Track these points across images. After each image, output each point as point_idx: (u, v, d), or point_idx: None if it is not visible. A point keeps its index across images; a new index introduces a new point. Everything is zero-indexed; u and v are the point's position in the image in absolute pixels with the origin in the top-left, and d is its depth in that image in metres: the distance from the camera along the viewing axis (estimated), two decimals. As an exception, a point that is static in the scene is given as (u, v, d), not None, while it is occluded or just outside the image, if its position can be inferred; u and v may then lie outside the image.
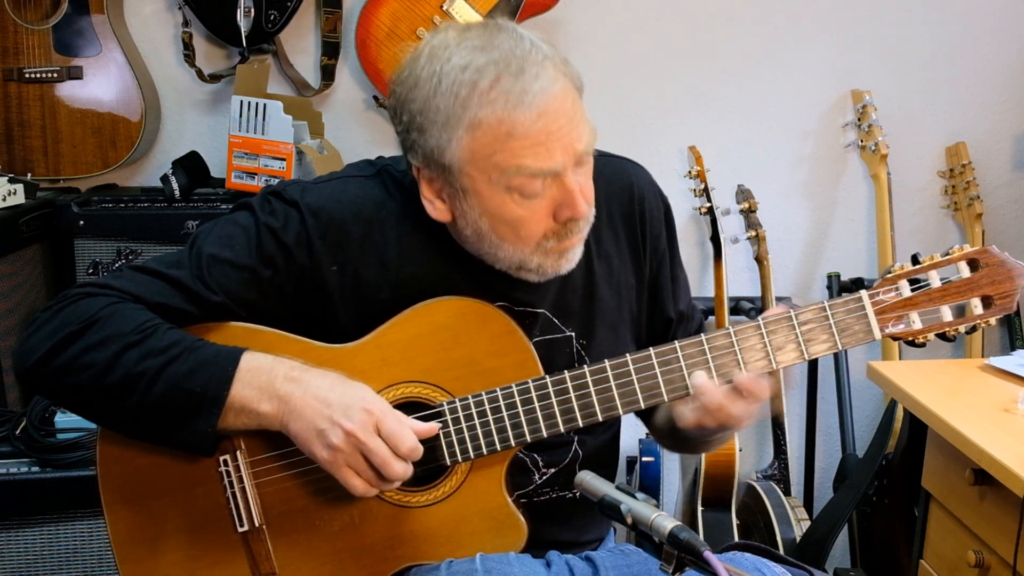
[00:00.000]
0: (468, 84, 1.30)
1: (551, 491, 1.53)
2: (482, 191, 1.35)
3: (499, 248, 1.40)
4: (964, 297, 1.37)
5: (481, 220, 1.38)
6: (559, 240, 1.39)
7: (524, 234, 1.37)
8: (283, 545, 1.45)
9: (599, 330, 1.53)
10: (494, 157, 1.32)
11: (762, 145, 2.90)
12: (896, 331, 1.37)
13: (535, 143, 1.30)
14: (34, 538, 2.25)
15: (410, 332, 1.43)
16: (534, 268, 1.41)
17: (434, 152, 1.35)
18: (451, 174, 1.36)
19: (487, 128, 1.31)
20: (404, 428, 1.34)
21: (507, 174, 1.32)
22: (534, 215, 1.36)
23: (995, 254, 1.36)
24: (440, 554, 1.43)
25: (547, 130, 1.30)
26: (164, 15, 2.78)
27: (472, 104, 1.30)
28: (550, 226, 1.37)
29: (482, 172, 1.33)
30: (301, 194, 1.46)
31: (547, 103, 1.30)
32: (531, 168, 1.31)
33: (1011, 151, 2.93)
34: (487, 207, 1.36)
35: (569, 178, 1.34)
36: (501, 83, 1.29)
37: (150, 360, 1.34)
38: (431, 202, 1.41)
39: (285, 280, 1.45)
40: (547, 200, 1.35)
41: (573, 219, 1.37)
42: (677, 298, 1.62)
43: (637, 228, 1.57)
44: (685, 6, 2.84)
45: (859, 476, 2.46)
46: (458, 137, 1.32)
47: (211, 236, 1.46)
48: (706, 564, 1.05)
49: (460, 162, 1.34)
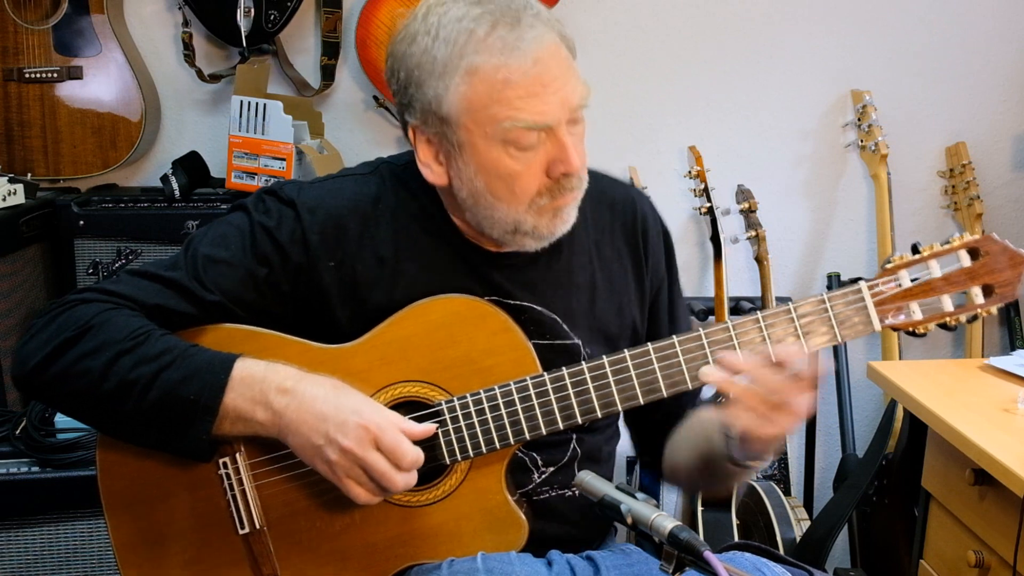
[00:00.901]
0: (465, 32, 1.33)
1: (550, 489, 1.53)
2: (478, 144, 1.36)
3: (494, 208, 1.40)
4: (965, 286, 1.36)
5: (477, 177, 1.39)
6: (553, 197, 1.40)
7: (518, 190, 1.38)
8: (284, 546, 1.45)
9: (601, 343, 1.53)
10: (490, 108, 1.34)
11: (762, 145, 2.90)
12: (896, 322, 1.36)
13: (530, 92, 1.33)
14: (34, 538, 2.25)
15: (407, 331, 1.43)
16: (530, 230, 1.41)
17: (431, 104, 1.37)
18: (448, 127, 1.37)
19: (483, 75, 1.33)
20: (403, 442, 1.33)
21: (503, 126, 1.34)
22: (528, 169, 1.37)
23: (997, 241, 1.35)
24: (441, 553, 1.43)
25: (541, 79, 1.33)
26: (164, 15, 2.78)
27: (469, 51, 1.33)
28: (544, 182, 1.39)
29: (478, 124, 1.35)
30: (298, 192, 1.47)
31: (541, 52, 1.33)
32: (526, 120, 1.34)
33: (1011, 151, 2.93)
34: (482, 162, 1.37)
35: (563, 132, 1.36)
36: (497, 31, 1.33)
37: (143, 367, 1.34)
38: (428, 166, 1.43)
39: (281, 278, 1.45)
40: (541, 155, 1.37)
41: (567, 174, 1.38)
42: (675, 324, 1.62)
43: (640, 249, 1.58)
44: (685, 6, 2.84)
45: (859, 476, 2.46)
46: (455, 84, 1.34)
47: (206, 237, 1.47)
48: (706, 564, 1.05)
49: (457, 112, 1.36)
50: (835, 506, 2.43)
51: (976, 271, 1.36)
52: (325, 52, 2.76)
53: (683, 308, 1.65)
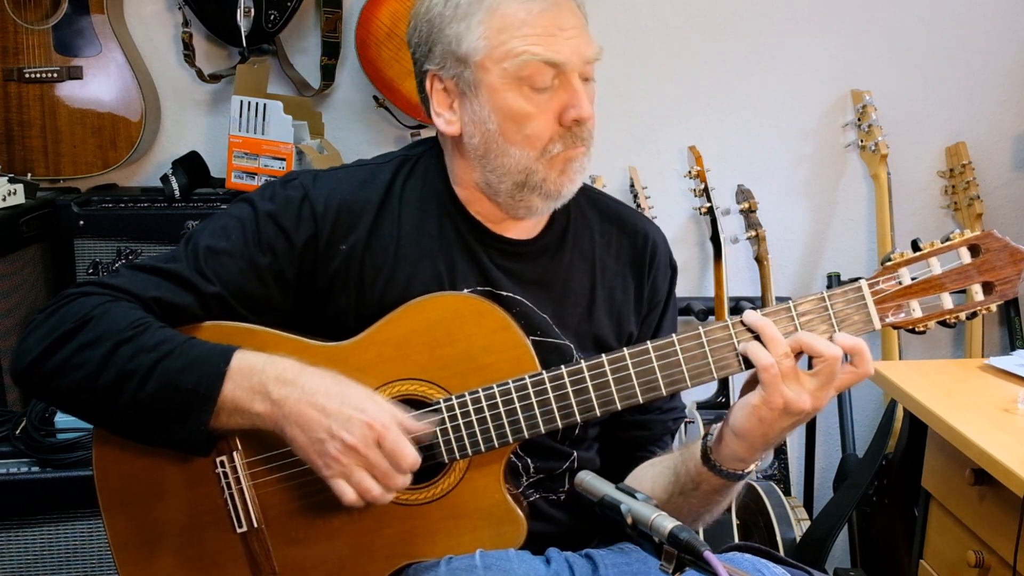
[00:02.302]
0: None
1: (536, 492, 1.54)
2: (494, 83, 1.41)
3: (506, 154, 1.43)
4: (965, 283, 1.35)
5: (491, 119, 1.42)
6: (564, 146, 1.42)
7: (531, 132, 1.41)
8: (283, 545, 1.45)
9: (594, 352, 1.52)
10: (508, 43, 1.39)
11: (762, 145, 2.90)
12: (896, 320, 1.36)
13: (547, 32, 1.39)
14: (34, 538, 2.25)
15: (405, 329, 1.43)
16: (539, 182, 1.43)
17: (451, 43, 1.42)
18: (466, 67, 1.42)
19: (503, 14, 1.40)
20: (406, 444, 1.33)
21: (519, 59, 1.39)
22: (541, 113, 1.41)
23: (998, 237, 1.35)
24: (439, 551, 1.43)
25: (558, 23, 1.40)
26: (164, 15, 2.79)
27: None
28: (556, 129, 1.42)
29: (495, 61, 1.40)
30: (312, 180, 1.49)
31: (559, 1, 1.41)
32: (542, 55, 1.39)
33: (1011, 151, 2.93)
34: (497, 101, 1.41)
35: (575, 79, 1.41)
36: None
37: (142, 357, 1.34)
38: (441, 115, 1.47)
39: (285, 266, 1.45)
40: (555, 101, 1.41)
41: (578, 121, 1.41)
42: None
43: (645, 272, 1.59)
44: (685, 6, 2.84)
45: (859, 476, 2.46)
46: (476, 22, 1.41)
47: (206, 230, 1.47)
48: (706, 564, 1.05)
49: (475, 51, 1.41)
50: (835, 506, 2.43)
51: (976, 268, 1.35)
52: (325, 52, 2.76)
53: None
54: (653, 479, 1.50)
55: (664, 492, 1.47)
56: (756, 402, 1.32)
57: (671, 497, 1.46)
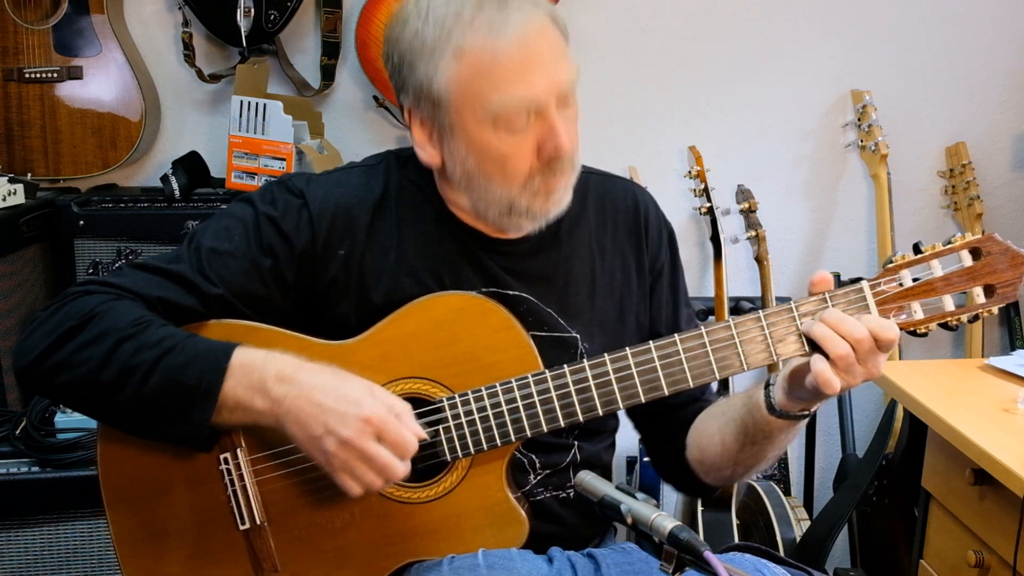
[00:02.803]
0: (453, 14, 1.36)
1: (545, 491, 1.53)
2: (468, 127, 1.38)
3: (487, 189, 1.42)
4: (966, 286, 1.35)
5: (468, 158, 1.40)
6: (545, 179, 1.41)
7: (510, 171, 1.40)
8: (285, 542, 1.45)
9: (600, 338, 1.53)
10: (479, 88, 1.36)
11: (762, 145, 2.90)
12: (898, 321, 1.35)
13: (517, 72, 1.35)
14: (34, 538, 2.25)
15: (409, 328, 1.43)
16: (524, 210, 1.43)
17: (423, 85, 1.39)
18: (439, 109, 1.39)
19: (471, 55, 1.35)
20: (406, 433, 1.33)
21: (492, 107, 1.36)
22: (519, 151, 1.38)
23: (1000, 241, 1.35)
24: (442, 550, 1.43)
25: (528, 59, 1.35)
26: (164, 15, 2.78)
27: (456, 32, 1.35)
28: (535, 164, 1.40)
29: (468, 107, 1.37)
30: (307, 183, 1.49)
31: (528, 31, 1.35)
32: (514, 97, 1.35)
33: (1011, 151, 2.93)
34: (473, 143, 1.39)
35: (552, 114, 1.38)
36: (484, 11, 1.35)
37: (145, 353, 1.35)
38: (422, 147, 1.45)
39: (285, 269, 1.45)
40: (531, 137, 1.38)
41: (556, 157, 1.39)
42: (678, 319, 1.61)
43: (642, 243, 1.59)
44: (685, 6, 2.84)
45: (859, 476, 2.46)
46: (444, 65, 1.36)
47: (209, 230, 1.47)
48: (706, 564, 1.05)
49: (447, 94, 1.37)
50: (835, 506, 2.43)
51: (978, 271, 1.35)
52: (325, 52, 2.76)
53: (688, 317, 1.64)
54: (721, 433, 1.48)
55: (735, 444, 1.45)
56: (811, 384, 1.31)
57: (743, 448, 1.45)
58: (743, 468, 1.49)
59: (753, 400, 1.42)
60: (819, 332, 1.30)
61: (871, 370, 1.31)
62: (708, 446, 1.51)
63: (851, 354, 1.29)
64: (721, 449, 1.49)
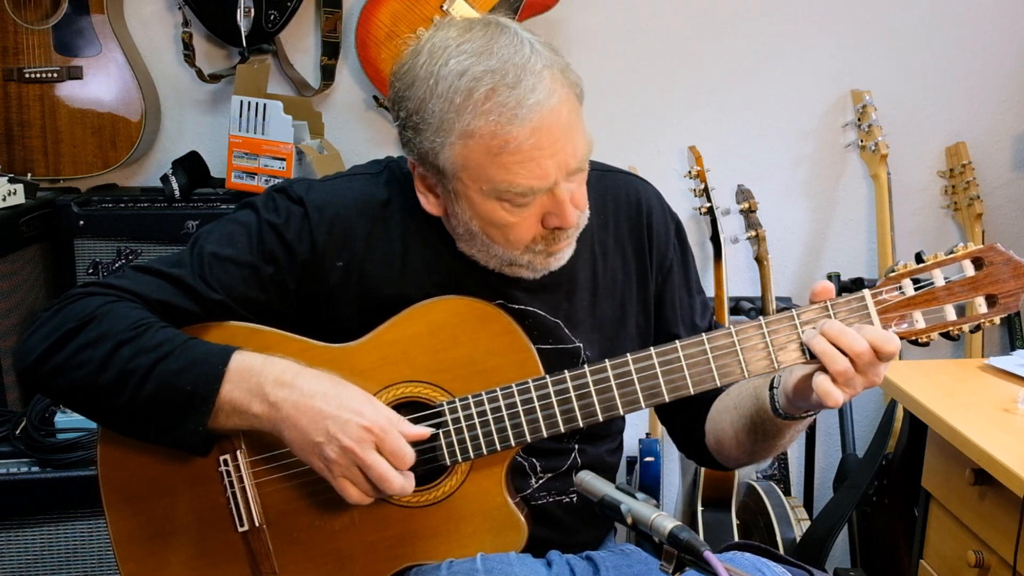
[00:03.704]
0: (464, 92, 1.29)
1: (547, 495, 1.53)
2: (473, 198, 1.36)
3: (489, 248, 1.42)
4: (968, 296, 1.35)
5: (472, 222, 1.39)
6: (547, 245, 1.40)
7: (513, 238, 1.39)
8: (283, 545, 1.45)
9: (604, 343, 1.53)
10: (486, 169, 1.32)
11: (762, 145, 2.90)
12: (899, 330, 1.36)
13: (527, 159, 1.30)
14: (34, 538, 2.25)
15: (410, 332, 1.43)
16: (525, 264, 1.43)
17: (428, 154, 1.36)
18: (444, 177, 1.37)
19: (480, 139, 1.30)
20: (405, 445, 1.33)
21: (498, 187, 1.33)
22: (524, 222, 1.37)
23: (1002, 251, 1.34)
24: (440, 554, 1.43)
25: (540, 145, 1.30)
26: (164, 15, 2.78)
27: (466, 113, 1.30)
28: (539, 232, 1.39)
29: (473, 181, 1.34)
30: (307, 191, 1.48)
31: (542, 118, 1.29)
32: (523, 185, 1.32)
33: (1011, 151, 2.93)
34: (477, 212, 1.38)
35: (561, 189, 1.35)
36: (497, 94, 1.28)
37: (142, 357, 1.35)
38: (425, 196, 1.43)
39: (287, 276, 1.45)
40: (537, 208, 1.36)
41: (561, 228, 1.38)
42: (692, 313, 1.60)
43: (644, 242, 1.57)
44: (685, 6, 2.84)
45: (859, 476, 2.46)
46: (451, 143, 1.32)
47: (212, 235, 1.47)
48: (706, 564, 1.05)
49: (453, 168, 1.35)
50: (835, 506, 2.43)
51: (980, 281, 1.35)
52: (325, 52, 2.76)
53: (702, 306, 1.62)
54: (734, 428, 1.49)
55: (748, 439, 1.47)
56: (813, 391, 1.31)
57: (755, 442, 1.47)
58: (759, 456, 1.51)
59: (760, 400, 1.42)
60: (819, 347, 1.30)
61: (872, 379, 1.30)
62: (724, 439, 1.53)
63: (850, 369, 1.28)
64: (735, 443, 1.50)
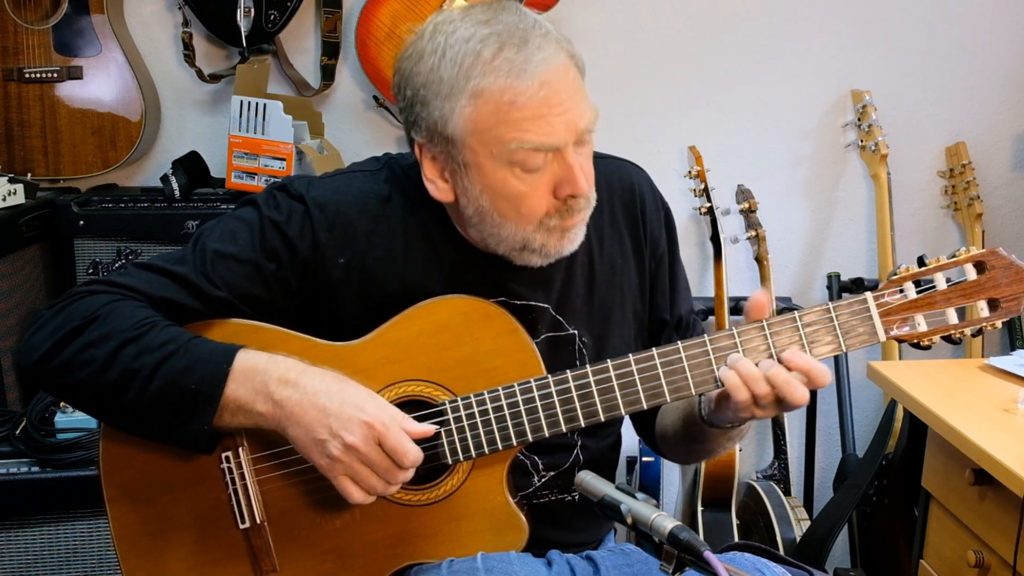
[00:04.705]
0: (472, 53, 1.32)
1: (550, 493, 1.53)
2: (484, 165, 1.36)
3: (501, 227, 1.40)
4: (970, 299, 1.35)
5: (482, 197, 1.38)
6: (561, 218, 1.39)
7: (525, 211, 1.38)
8: (284, 542, 1.45)
9: (601, 329, 1.54)
10: (496, 129, 1.33)
11: (762, 145, 2.90)
12: (901, 333, 1.36)
13: (536, 115, 1.32)
14: (34, 538, 2.25)
15: (412, 331, 1.43)
16: (537, 248, 1.41)
17: (437, 124, 1.36)
18: (453, 147, 1.37)
19: (489, 97, 1.32)
20: (407, 441, 1.33)
21: (509, 147, 1.33)
22: (535, 191, 1.37)
23: (1004, 255, 1.35)
24: (441, 553, 1.43)
25: (548, 102, 1.32)
26: (164, 15, 2.78)
27: (475, 73, 1.32)
28: (551, 203, 1.38)
29: (484, 145, 1.34)
30: (307, 188, 1.48)
31: (549, 74, 1.32)
32: (533, 142, 1.33)
33: (1011, 151, 2.93)
34: (488, 182, 1.37)
35: (570, 154, 1.35)
36: (504, 52, 1.31)
37: (146, 356, 1.35)
38: (433, 182, 1.42)
39: (289, 274, 1.45)
40: (548, 176, 1.36)
41: (574, 196, 1.38)
42: (675, 302, 1.62)
43: (639, 228, 1.57)
44: (685, 6, 2.84)
45: (859, 476, 2.46)
46: (461, 106, 1.33)
47: (215, 232, 1.47)
48: (706, 564, 1.05)
49: (463, 133, 1.35)
50: (835, 506, 2.43)
51: (982, 285, 1.35)
52: (325, 52, 2.76)
53: (685, 290, 1.65)
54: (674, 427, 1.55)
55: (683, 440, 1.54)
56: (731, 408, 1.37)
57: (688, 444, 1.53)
58: (695, 458, 1.61)
59: (691, 404, 1.46)
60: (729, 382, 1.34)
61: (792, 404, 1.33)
62: (666, 435, 1.59)
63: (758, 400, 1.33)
64: (675, 439, 1.57)
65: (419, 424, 1.36)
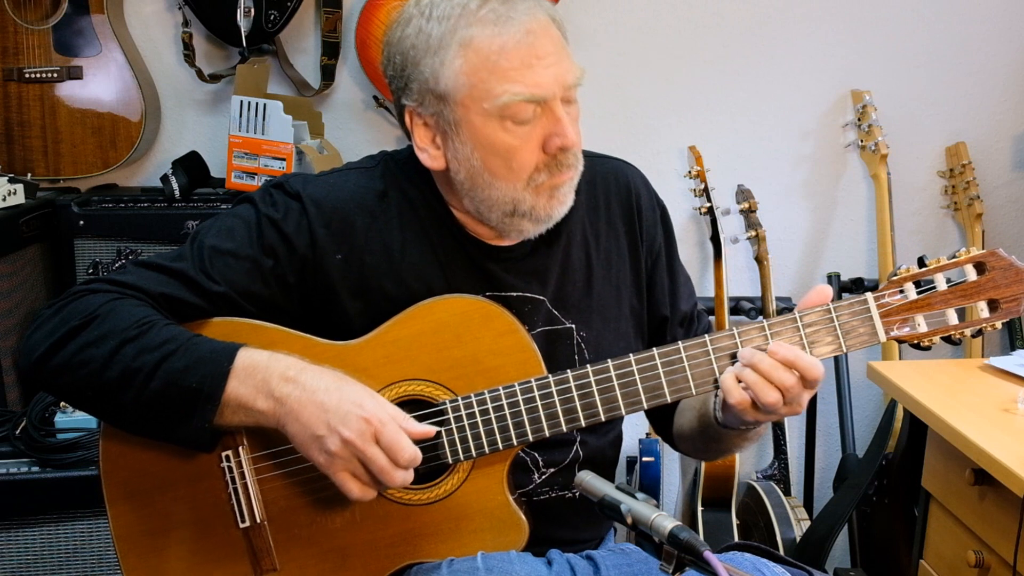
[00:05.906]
0: (458, 7, 1.38)
1: (550, 490, 1.54)
2: (475, 121, 1.39)
3: (492, 187, 1.42)
4: (970, 300, 1.36)
5: (474, 155, 1.40)
6: (550, 174, 1.41)
7: (516, 165, 1.40)
8: (284, 541, 1.45)
9: (598, 324, 1.54)
10: (487, 83, 1.36)
11: (762, 145, 2.90)
12: (901, 334, 1.36)
13: (524, 63, 1.36)
14: (34, 538, 2.25)
15: (413, 330, 1.43)
16: (527, 210, 1.43)
17: (428, 81, 1.39)
18: (445, 105, 1.39)
19: (477, 46, 1.36)
20: (403, 438, 1.33)
21: (499, 101, 1.36)
22: (525, 144, 1.39)
23: (1003, 257, 1.35)
24: (441, 552, 1.43)
25: (535, 51, 1.36)
26: (164, 15, 2.79)
27: (462, 24, 1.37)
28: (541, 158, 1.40)
29: (475, 100, 1.37)
30: (304, 185, 1.49)
31: (534, 24, 1.37)
32: (523, 93, 1.36)
33: (1011, 151, 2.93)
34: (480, 138, 1.39)
35: (558, 107, 1.39)
36: (489, 3, 1.37)
37: (147, 355, 1.35)
38: (425, 150, 1.45)
39: (287, 270, 1.45)
40: (538, 130, 1.39)
41: (563, 148, 1.40)
42: (676, 298, 1.62)
43: (635, 225, 1.58)
44: (685, 6, 2.84)
45: (859, 476, 2.46)
46: (451, 58, 1.37)
47: (212, 229, 1.47)
48: (706, 564, 1.05)
49: (454, 88, 1.38)
50: (835, 506, 2.43)
51: (982, 286, 1.36)
52: (325, 52, 2.76)
53: (686, 287, 1.65)
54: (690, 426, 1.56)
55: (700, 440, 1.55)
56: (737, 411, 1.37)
57: (706, 443, 1.55)
58: (712, 456, 1.63)
59: (707, 405, 1.47)
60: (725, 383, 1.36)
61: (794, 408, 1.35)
62: (683, 432, 1.60)
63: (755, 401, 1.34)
64: (691, 438, 1.58)
65: (419, 425, 1.36)
